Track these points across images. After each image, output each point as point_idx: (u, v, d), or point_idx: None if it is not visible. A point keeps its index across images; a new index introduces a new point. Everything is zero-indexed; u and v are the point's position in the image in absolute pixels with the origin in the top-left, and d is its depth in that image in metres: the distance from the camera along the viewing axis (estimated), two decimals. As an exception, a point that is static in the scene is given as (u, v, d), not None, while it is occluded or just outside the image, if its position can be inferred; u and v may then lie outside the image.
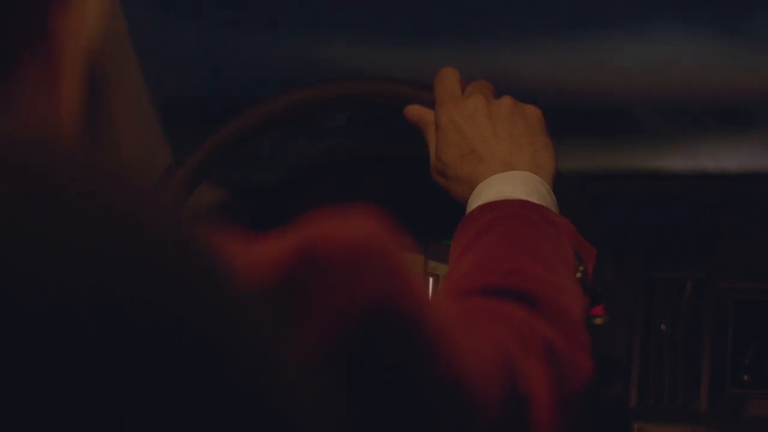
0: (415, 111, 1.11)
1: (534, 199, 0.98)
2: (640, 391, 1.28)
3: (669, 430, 1.27)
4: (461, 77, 1.08)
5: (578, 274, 0.94)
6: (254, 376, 0.43)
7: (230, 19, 1.44)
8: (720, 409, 1.26)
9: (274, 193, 1.40)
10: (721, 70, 1.34)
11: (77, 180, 0.42)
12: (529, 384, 0.73)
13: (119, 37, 1.24)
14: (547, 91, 1.08)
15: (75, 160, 0.43)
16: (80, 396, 0.38)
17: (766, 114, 1.38)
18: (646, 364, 1.29)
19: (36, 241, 0.39)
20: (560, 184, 1.04)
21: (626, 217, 1.37)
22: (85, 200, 0.42)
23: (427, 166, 1.08)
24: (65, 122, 0.53)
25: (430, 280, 1.30)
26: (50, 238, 0.40)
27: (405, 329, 0.58)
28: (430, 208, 1.17)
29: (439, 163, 1.06)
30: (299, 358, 0.48)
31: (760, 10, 1.32)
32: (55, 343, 0.38)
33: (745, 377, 1.28)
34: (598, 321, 1.01)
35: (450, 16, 1.38)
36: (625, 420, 1.27)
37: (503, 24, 1.36)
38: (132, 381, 0.39)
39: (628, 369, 1.28)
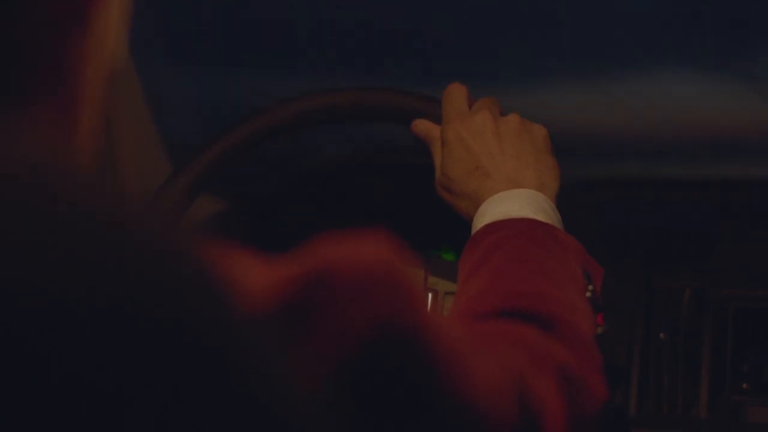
0: (422, 125, 1.11)
1: (540, 217, 0.98)
2: (640, 399, 1.28)
3: (668, 438, 1.27)
4: (468, 93, 1.09)
5: (588, 293, 0.94)
6: (255, 379, 0.43)
7: (232, 61, 1.45)
8: (719, 417, 1.26)
9: (277, 201, 1.41)
10: (725, 109, 1.35)
11: (78, 183, 0.42)
12: (542, 403, 0.74)
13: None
14: (556, 133, 1.08)
15: (76, 166, 0.44)
16: (80, 396, 0.39)
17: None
18: (645, 371, 1.29)
19: (36, 242, 0.40)
20: (560, 194, 1.04)
21: (625, 224, 1.37)
22: (85, 202, 0.42)
23: (428, 172, 1.08)
24: (84, 145, 0.53)
25: (429, 295, 1.31)
26: (50, 239, 0.40)
27: (414, 350, 0.59)
28: (431, 215, 1.17)
29: (444, 178, 1.05)
30: (305, 368, 0.48)
31: (762, 51, 1.33)
32: (55, 343, 0.39)
33: (744, 385, 1.28)
34: (598, 331, 1.01)
35: (458, 60, 1.38)
36: (625, 428, 1.27)
37: (509, 66, 1.36)
38: (132, 381, 0.39)
39: (628, 377, 1.28)
